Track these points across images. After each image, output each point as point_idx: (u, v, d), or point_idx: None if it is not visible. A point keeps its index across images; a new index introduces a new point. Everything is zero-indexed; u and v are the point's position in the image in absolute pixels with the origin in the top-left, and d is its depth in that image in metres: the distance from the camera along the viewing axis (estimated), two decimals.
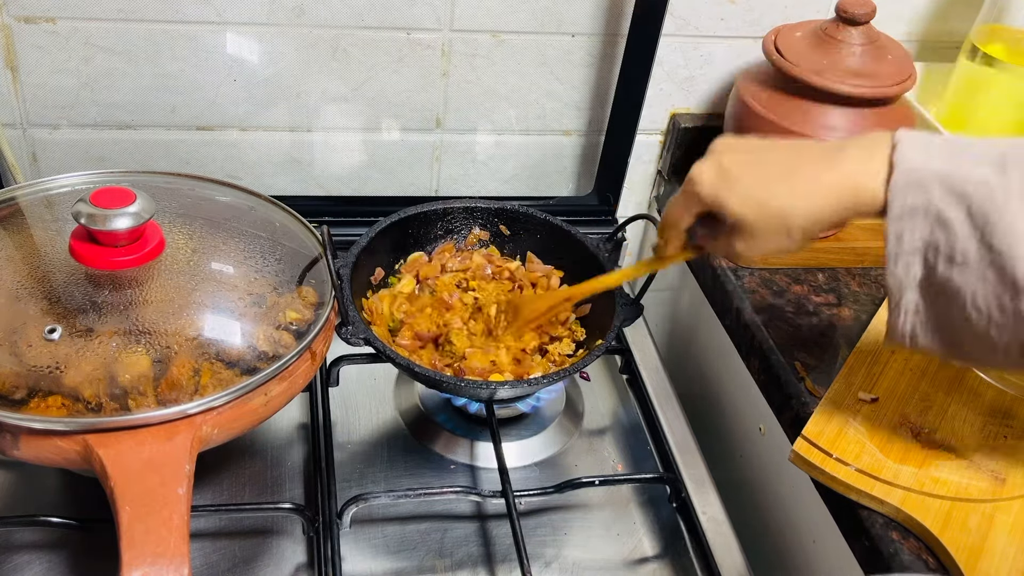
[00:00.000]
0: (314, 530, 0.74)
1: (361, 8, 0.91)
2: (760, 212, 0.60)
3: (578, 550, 0.77)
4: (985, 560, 0.64)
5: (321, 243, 0.74)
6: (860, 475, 0.70)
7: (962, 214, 0.55)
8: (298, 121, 0.97)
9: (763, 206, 0.60)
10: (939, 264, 0.57)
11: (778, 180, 0.60)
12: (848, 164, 0.59)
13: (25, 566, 0.70)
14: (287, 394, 0.69)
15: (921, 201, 0.56)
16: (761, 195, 0.60)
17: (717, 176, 0.62)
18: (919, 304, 0.59)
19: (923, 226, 0.57)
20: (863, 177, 0.58)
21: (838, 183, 0.59)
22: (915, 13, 1.05)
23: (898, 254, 0.58)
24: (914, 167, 0.57)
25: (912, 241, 0.57)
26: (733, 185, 0.61)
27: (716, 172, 0.62)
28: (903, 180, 0.57)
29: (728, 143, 0.64)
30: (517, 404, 0.86)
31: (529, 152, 1.05)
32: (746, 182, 0.61)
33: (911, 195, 0.57)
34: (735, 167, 0.61)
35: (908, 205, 0.57)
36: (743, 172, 0.61)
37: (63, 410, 0.61)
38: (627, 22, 0.95)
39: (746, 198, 0.61)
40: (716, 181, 0.62)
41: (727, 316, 0.92)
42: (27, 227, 0.74)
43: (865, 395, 0.77)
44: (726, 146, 0.63)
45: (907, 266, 0.58)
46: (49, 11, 0.86)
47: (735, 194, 0.61)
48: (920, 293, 0.59)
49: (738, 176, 0.61)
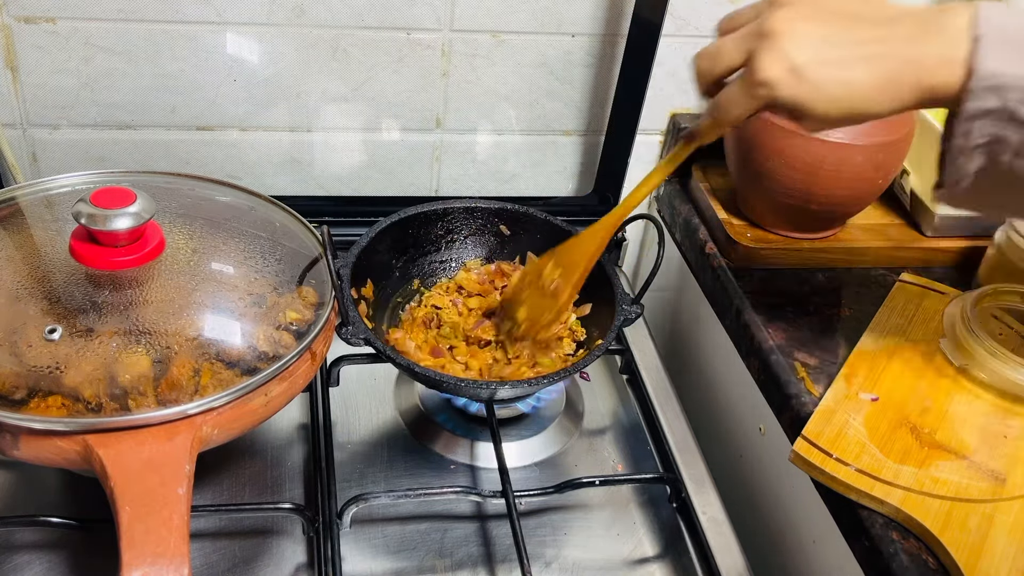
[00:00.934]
0: (314, 530, 0.74)
1: (361, 8, 0.91)
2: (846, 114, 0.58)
3: (578, 550, 0.77)
4: (985, 560, 0.64)
5: (321, 243, 0.74)
6: (860, 475, 0.70)
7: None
8: (298, 121, 0.97)
9: (847, 111, 0.58)
10: (1004, 154, 0.57)
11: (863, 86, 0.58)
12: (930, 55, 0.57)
13: (25, 566, 0.70)
14: (287, 394, 0.69)
15: (997, 104, 0.55)
16: (847, 103, 0.58)
17: (793, 80, 0.58)
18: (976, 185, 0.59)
19: (994, 125, 0.56)
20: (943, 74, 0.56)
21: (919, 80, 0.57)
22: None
23: (963, 148, 0.57)
24: (992, 71, 0.55)
25: (980, 137, 0.57)
26: (815, 91, 0.58)
27: (790, 75, 0.58)
28: (980, 85, 0.55)
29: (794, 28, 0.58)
30: (517, 404, 0.86)
31: (529, 152, 1.05)
32: (829, 90, 0.58)
33: (988, 99, 0.55)
34: (812, 68, 0.57)
35: (984, 107, 0.56)
36: (824, 76, 0.57)
37: (63, 410, 0.61)
38: (627, 22, 0.95)
39: (830, 105, 0.58)
40: (794, 86, 0.58)
41: (727, 316, 0.92)
42: (27, 227, 0.74)
43: (865, 395, 0.77)
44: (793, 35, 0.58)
45: (970, 157, 0.58)
46: (49, 11, 0.86)
47: (819, 101, 0.58)
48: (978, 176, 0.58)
49: (819, 82, 0.57)
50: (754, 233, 0.95)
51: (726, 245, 0.95)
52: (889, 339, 0.84)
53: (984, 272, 0.92)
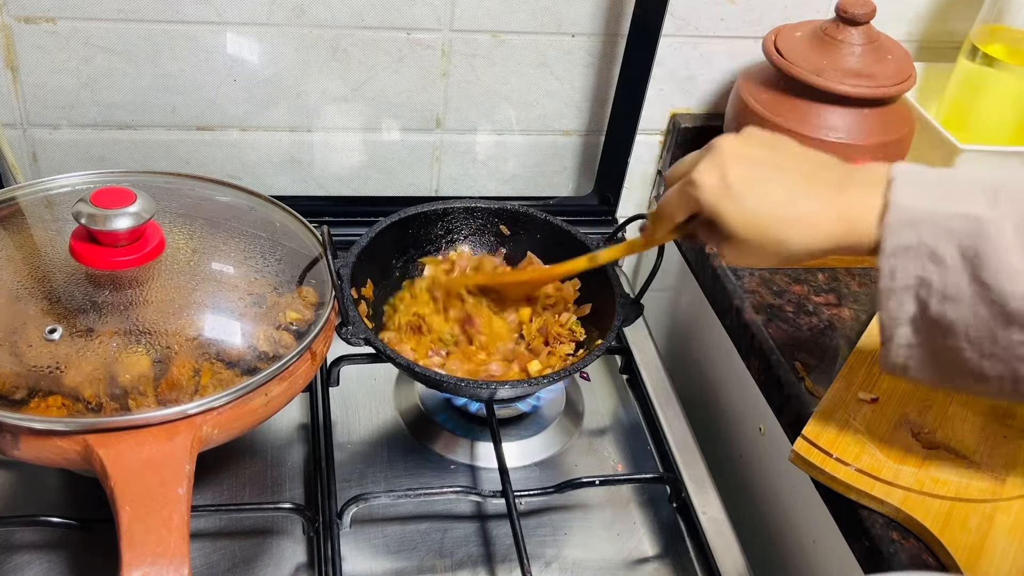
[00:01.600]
0: (314, 530, 0.74)
1: (361, 8, 0.91)
2: (757, 235, 0.61)
3: (578, 550, 0.77)
4: (985, 560, 0.64)
5: (321, 243, 0.74)
6: (860, 475, 0.70)
7: (953, 250, 0.56)
8: (298, 121, 0.97)
9: (762, 233, 0.61)
10: (932, 300, 0.58)
11: (780, 207, 0.61)
12: (847, 200, 0.60)
13: (25, 566, 0.70)
14: (287, 394, 0.69)
15: (913, 239, 0.57)
16: (762, 221, 0.61)
17: (720, 188, 0.62)
18: (912, 338, 0.60)
19: (915, 263, 0.57)
20: (860, 214, 0.59)
21: (837, 218, 0.60)
22: (915, 13, 1.05)
23: (891, 290, 0.59)
24: (906, 206, 0.58)
25: (905, 278, 0.58)
26: (735, 202, 0.61)
27: (720, 183, 0.62)
28: (896, 219, 0.58)
29: (735, 150, 0.63)
30: (517, 404, 0.86)
31: (529, 152, 1.05)
32: (748, 202, 0.61)
33: (904, 234, 0.57)
34: (740, 183, 0.61)
35: (901, 244, 0.58)
36: (747, 191, 0.61)
37: (63, 410, 0.61)
38: (627, 22, 0.95)
39: (747, 219, 0.61)
40: (719, 194, 0.62)
41: (727, 316, 0.92)
42: (27, 227, 0.74)
43: (865, 395, 0.77)
44: (732, 154, 0.63)
45: (900, 302, 0.59)
46: (49, 11, 0.86)
47: (736, 212, 0.61)
48: (913, 328, 0.59)
49: (742, 195, 0.61)
50: None
51: None
52: None
53: None
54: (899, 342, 0.60)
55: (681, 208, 0.65)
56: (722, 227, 0.62)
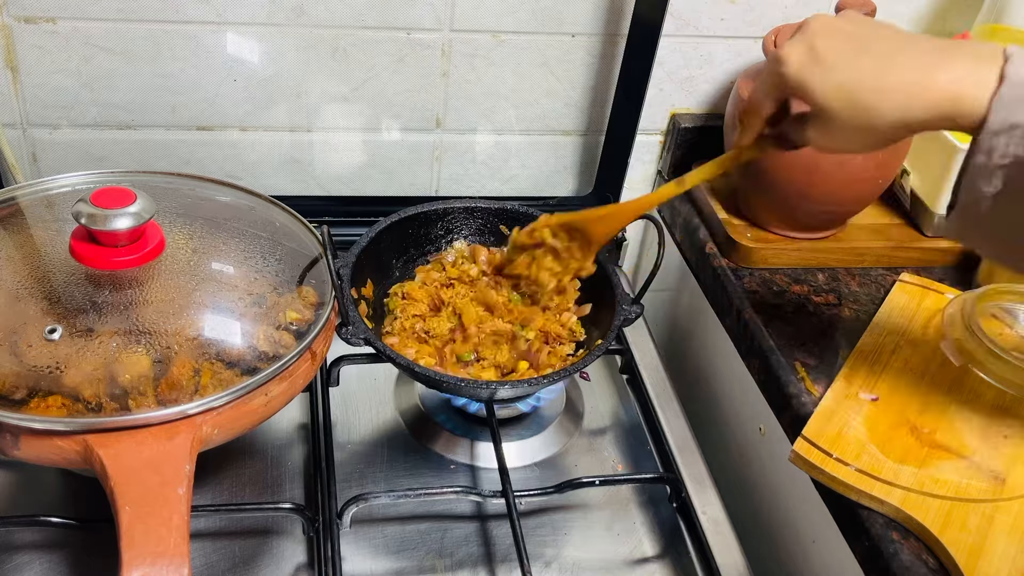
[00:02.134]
0: (314, 530, 0.74)
1: (361, 8, 0.91)
2: (847, 105, 0.57)
3: (578, 550, 0.77)
4: (985, 560, 0.64)
5: (321, 243, 0.74)
6: (860, 475, 0.70)
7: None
8: (298, 121, 0.97)
9: (852, 100, 0.57)
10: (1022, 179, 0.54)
11: (874, 74, 0.56)
12: (954, 69, 0.55)
13: (25, 566, 0.70)
14: (287, 394, 0.69)
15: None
16: (852, 88, 0.56)
17: (807, 58, 0.58)
18: (993, 213, 0.57)
19: (1018, 143, 0.54)
20: (966, 89, 0.55)
21: (940, 90, 0.55)
22: (915, 13, 1.05)
23: (985, 166, 0.55)
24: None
25: (1003, 157, 0.54)
26: (823, 71, 0.57)
27: (806, 54, 0.58)
28: (1011, 95, 0.54)
29: (825, 23, 0.59)
30: (517, 404, 0.86)
31: (529, 152, 1.05)
32: (838, 71, 0.57)
33: (1017, 111, 0.54)
34: (829, 52, 0.57)
35: (1010, 121, 0.54)
36: (837, 59, 0.57)
37: (63, 410, 0.61)
38: (627, 22, 0.95)
39: (835, 88, 0.57)
40: (805, 63, 0.58)
41: (727, 316, 0.92)
42: (27, 227, 0.74)
43: (865, 395, 0.77)
44: (823, 27, 0.58)
45: (989, 180, 0.55)
46: (49, 11, 0.86)
47: (824, 81, 0.57)
48: (995, 203, 0.56)
49: (831, 62, 0.57)
50: (754, 233, 0.95)
51: (726, 245, 0.95)
52: (889, 339, 0.84)
53: (984, 272, 0.92)
54: (978, 214, 0.57)
55: (769, 92, 0.61)
56: (809, 101, 0.58)
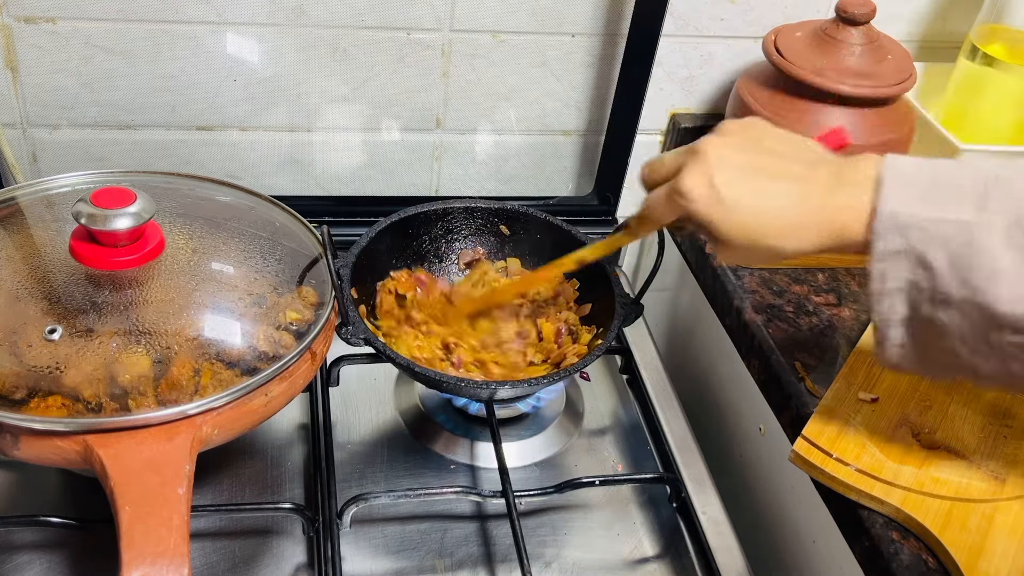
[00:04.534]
0: (314, 530, 0.74)
1: (361, 8, 0.91)
2: (750, 243, 0.61)
3: (578, 550, 0.77)
4: (985, 560, 0.64)
5: (321, 243, 0.74)
6: (860, 475, 0.70)
7: (942, 255, 0.56)
8: (298, 121, 0.97)
9: (753, 239, 0.61)
10: (923, 303, 0.58)
11: (772, 217, 0.61)
12: (837, 204, 0.60)
13: (25, 566, 0.70)
14: (287, 394, 0.69)
15: (902, 244, 0.57)
16: (754, 230, 0.61)
17: (710, 199, 0.61)
18: (904, 339, 0.60)
19: (905, 267, 0.58)
20: (850, 218, 0.59)
21: (829, 224, 0.60)
22: (915, 13, 1.05)
23: (882, 292, 0.59)
24: (895, 211, 0.57)
25: (896, 281, 0.58)
26: (726, 212, 0.61)
27: (709, 193, 0.61)
28: (884, 225, 0.58)
29: (720, 155, 0.62)
30: (517, 404, 0.86)
31: (529, 152, 1.05)
32: (740, 214, 0.61)
33: (892, 239, 0.58)
34: (729, 191, 0.61)
35: (890, 248, 0.58)
36: (737, 200, 0.61)
37: (63, 410, 0.61)
38: (627, 22, 0.95)
39: (738, 227, 0.61)
40: (709, 204, 0.61)
41: (727, 316, 0.92)
42: (27, 227, 0.74)
43: (865, 395, 0.77)
44: (718, 159, 0.62)
45: (891, 305, 0.59)
46: (49, 11, 0.86)
47: (726, 221, 0.61)
48: (905, 329, 0.60)
49: (733, 204, 0.61)
50: None
51: None
52: None
53: None
54: (892, 342, 0.61)
55: (668, 214, 0.65)
56: (714, 236, 0.62)
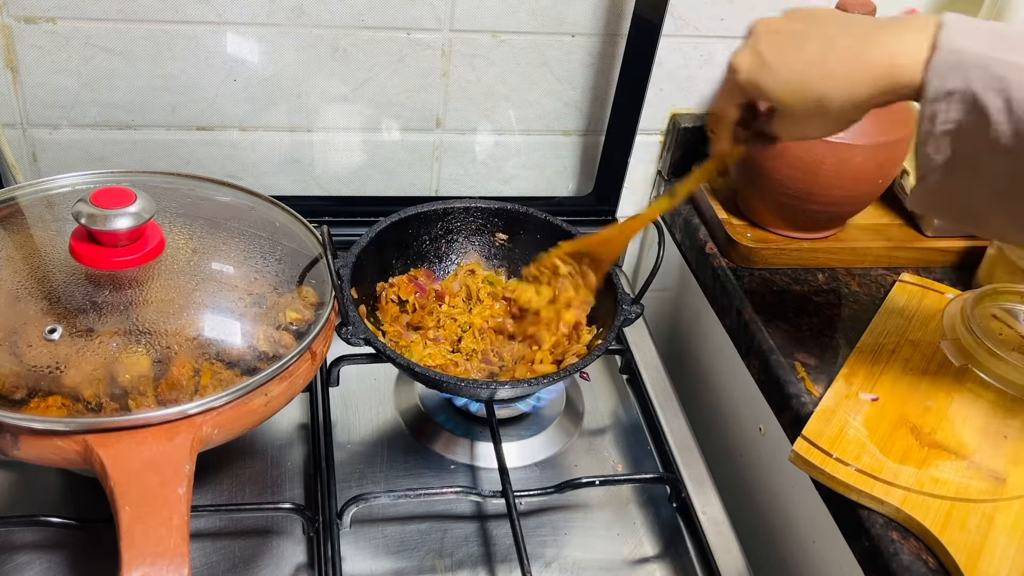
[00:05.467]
0: (314, 530, 0.74)
1: (361, 8, 0.91)
2: (798, 97, 0.61)
3: (578, 550, 0.77)
4: (985, 560, 0.64)
5: (321, 243, 0.74)
6: (860, 475, 0.70)
7: (1000, 101, 0.55)
8: (298, 121, 0.97)
9: (800, 91, 0.61)
10: (969, 147, 0.57)
11: (814, 63, 0.60)
12: (888, 44, 0.58)
13: (25, 566, 0.70)
14: (287, 394, 0.69)
15: (960, 84, 0.56)
16: (798, 80, 0.60)
17: (754, 63, 0.62)
18: (944, 182, 0.59)
19: (958, 109, 0.56)
20: (902, 56, 0.58)
21: (876, 63, 0.58)
22: None
23: (930, 134, 0.58)
24: (956, 48, 0.56)
25: (945, 123, 0.57)
26: (771, 72, 0.61)
27: (753, 59, 0.62)
28: (943, 62, 0.56)
29: (767, 26, 0.63)
30: (517, 404, 0.86)
31: (529, 152, 1.05)
32: (783, 68, 0.61)
33: (950, 78, 0.56)
34: (771, 52, 0.62)
35: (946, 88, 0.56)
36: (779, 57, 0.61)
37: (63, 410, 0.61)
38: (627, 22, 0.95)
39: (783, 84, 0.61)
40: (753, 68, 0.62)
41: (727, 316, 0.92)
42: (27, 227, 0.74)
43: (865, 395, 0.77)
44: (765, 30, 0.63)
45: (937, 147, 0.58)
46: (49, 11, 0.86)
47: (773, 80, 0.61)
48: (945, 171, 0.59)
49: (774, 62, 0.61)
50: (754, 233, 0.95)
51: (726, 245, 0.95)
52: (889, 339, 0.84)
53: (984, 272, 0.92)
54: (932, 183, 0.60)
55: (729, 99, 0.65)
56: (765, 100, 0.63)
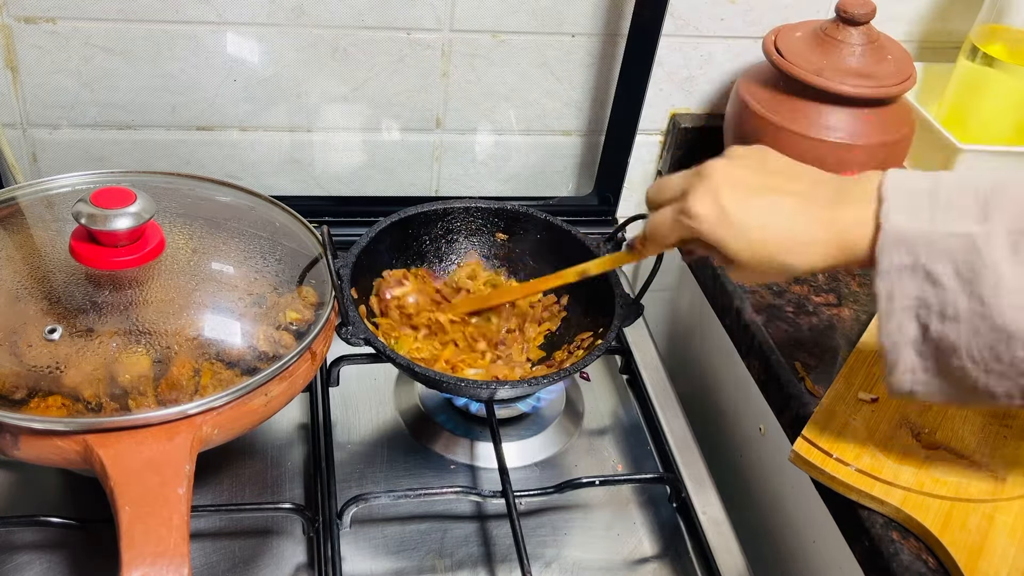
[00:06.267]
0: (314, 530, 0.74)
1: (361, 8, 0.91)
2: (761, 261, 0.61)
3: (578, 550, 0.77)
4: (985, 560, 0.64)
5: (321, 243, 0.74)
6: (860, 475, 0.70)
7: (949, 269, 0.56)
8: (298, 121, 0.97)
9: (765, 260, 0.61)
10: (932, 321, 0.57)
11: (779, 235, 0.61)
12: (843, 220, 0.60)
13: (25, 566, 0.70)
14: (287, 394, 0.69)
15: (908, 260, 0.57)
16: (763, 249, 0.61)
17: (718, 218, 0.62)
18: (916, 362, 0.59)
19: (912, 284, 0.57)
20: (856, 234, 0.59)
21: (834, 239, 0.60)
22: (915, 13, 1.05)
23: (891, 312, 0.59)
24: (898, 227, 0.57)
25: (903, 299, 0.58)
26: (735, 232, 0.61)
27: (718, 213, 0.62)
28: (889, 240, 0.58)
29: (727, 175, 0.63)
30: (517, 404, 0.86)
31: (529, 152, 1.05)
32: (747, 232, 0.61)
33: (897, 254, 0.57)
34: (737, 211, 0.61)
35: (895, 264, 0.57)
36: (745, 218, 0.61)
37: (63, 410, 0.61)
38: (627, 22, 0.95)
39: (747, 247, 0.61)
40: (717, 223, 0.62)
41: (727, 316, 0.92)
42: (27, 227, 0.74)
43: (865, 395, 0.77)
44: (725, 180, 0.62)
45: (900, 324, 0.59)
46: (49, 11, 0.86)
47: (736, 240, 0.61)
48: (916, 351, 0.59)
49: (740, 223, 0.61)
50: None
51: None
52: None
53: None
54: (904, 367, 0.60)
55: (675, 234, 0.65)
56: (724, 255, 0.63)
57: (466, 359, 0.83)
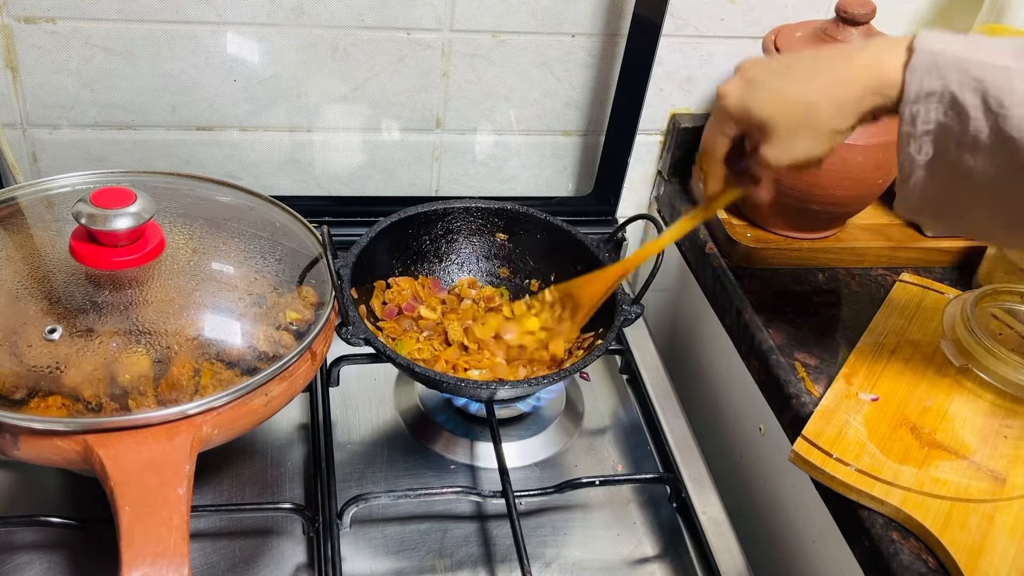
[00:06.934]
0: (314, 530, 0.74)
1: (361, 8, 0.91)
2: (785, 110, 0.62)
3: (578, 550, 0.77)
4: (985, 560, 0.64)
5: (321, 243, 0.74)
6: (860, 475, 0.70)
7: (977, 99, 0.56)
8: (298, 121, 0.97)
9: (787, 103, 0.62)
10: (950, 146, 0.58)
11: (801, 79, 0.62)
12: (869, 53, 0.60)
13: (25, 566, 0.70)
14: (287, 394, 0.69)
15: (938, 85, 0.57)
16: (784, 93, 0.62)
17: (742, 86, 0.64)
18: (927, 182, 0.60)
19: (937, 109, 0.58)
20: (882, 63, 0.59)
21: (859, 70, 0.60)
22: (915, 13, 1.05)
23: (911, 135, 0.59)
24: (933, 50, 0.58)
25: (926, 124, 0.58)
26: (758, 90, 0.63)
27: (741, 83, 0.64)
28: (921, 63, 0.58)
29: (754, 59, 0.65)
30: (517, 404, 0.86)
31: (529, 152, 1.05)
32: (770, 85, 0.63)
33: (928, 79, 0.58)
34: (759, 75, 0.63)
35: (924, 88, 0.58)
36: (767, 78, 0.63)
37: (63, 410, 0.61)
38: (627, 22, 0.95)
39: (769, 98, 0.62)
40: (741, 91, 0.64)
41: (727, 316, 0.92)
42: (27, 227, 0.74)
43: (865, 395, 0.77)
44: (753, 62, 0.65)
45: (919, 147, 0.59)
46: (49, 11, 0.86)
47: (760, 97, 0.63)
48: (929, 172, 0.60)
49: (762, 82, 0.63)
50: (754, 233, 0.95)
51: (726, 245, 0.95)
52: (889, 339, 0.84)
53: (984, 272, 0.92)
54: (915, 184, 0.61)
55: (718, 129, 0.66)
56: (754, 121, 0.63)
57: (468, 360, 0.83)
